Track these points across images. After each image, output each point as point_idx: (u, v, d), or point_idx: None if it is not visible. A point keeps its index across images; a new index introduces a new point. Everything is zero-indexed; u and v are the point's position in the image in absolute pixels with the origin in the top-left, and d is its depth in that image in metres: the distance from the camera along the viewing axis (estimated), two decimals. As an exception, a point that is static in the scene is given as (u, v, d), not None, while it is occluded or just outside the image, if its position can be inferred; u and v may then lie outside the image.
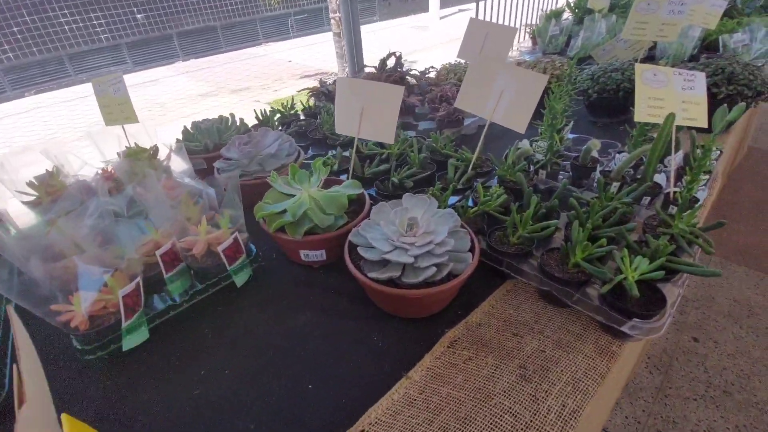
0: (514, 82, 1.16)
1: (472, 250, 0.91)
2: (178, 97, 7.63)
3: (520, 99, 1.15)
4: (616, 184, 1.18)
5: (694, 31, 2.42)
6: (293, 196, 1.07)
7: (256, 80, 8.22)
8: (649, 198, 1.14)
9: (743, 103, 1.21)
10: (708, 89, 1.57)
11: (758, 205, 3.37)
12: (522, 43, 3.64)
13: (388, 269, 0.84)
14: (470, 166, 1.28)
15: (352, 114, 1.20)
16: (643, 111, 1.11)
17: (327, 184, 1.18)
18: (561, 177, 1.35)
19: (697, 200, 1.10)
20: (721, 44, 2.27)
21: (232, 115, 1.64)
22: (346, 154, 1.47)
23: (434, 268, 0.82)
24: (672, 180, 1.12)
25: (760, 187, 3.60)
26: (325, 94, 2.01)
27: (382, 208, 0.95)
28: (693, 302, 2.57)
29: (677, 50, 2.41)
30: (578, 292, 0.87)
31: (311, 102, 2.09)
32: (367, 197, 1.15)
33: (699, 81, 1.15)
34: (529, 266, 0.94)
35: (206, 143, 1.49)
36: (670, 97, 1.13)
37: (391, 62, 2.14)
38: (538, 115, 1.23)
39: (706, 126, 1.14)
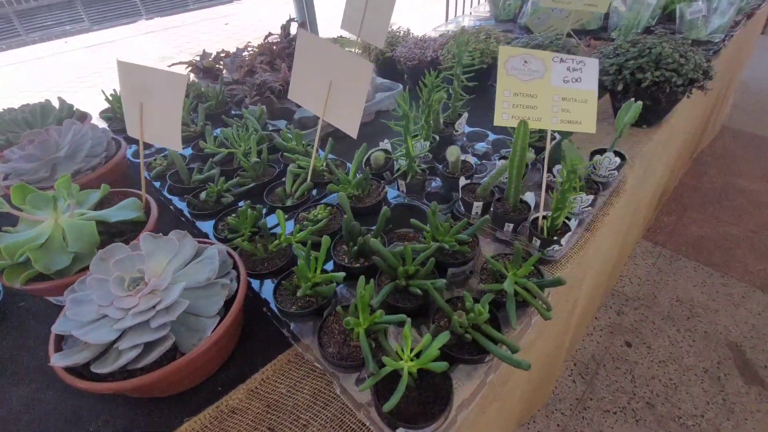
0: (341, 71, 0.89)
1: (230, 305, 0.68)
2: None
3: (348, 93, 0.88)
4: (478, 205, 0.94)
5: (652, -2, 2.10)
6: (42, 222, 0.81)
7: (227, 42, 7.65)
8: (512, 225, 0.90)
9: (637, 103, 0.95)
10: (632, 74, 1.30)
11: (721, 192, 3.16)
12: (478, 7, 3.25)
13: (75, 351, 0.60)
14: (308, 176, 1.02)
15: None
16: (506, 111, 0.85)
17: (110, 202, 0.92)
18: (431, 189, 1.10)
19: (569, 229, 0.86)
20: (677, 15, 1.96)
21: (61, 100, 1.34)
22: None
23: (138, 350, 0.59)
24: (542, 202, 0.88)
25: (726, 171, 3.37)
26: (202, 70, 1.70)
27: (115, 251, 0.70)
28: (633, 301, 2.40)
29: (629, 20, 2.09)
30: (360, 374, 0.65)
31: (193, 79, 1.77)
32: (152, 214, 0.90)
33: (589, 71, 0.88)
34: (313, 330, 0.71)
35: (9, 137, 1.20)
36: (544, 93, 0.86)
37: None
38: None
39: (593, 131, 0.89)
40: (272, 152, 1.21)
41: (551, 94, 0.87)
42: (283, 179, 1.06)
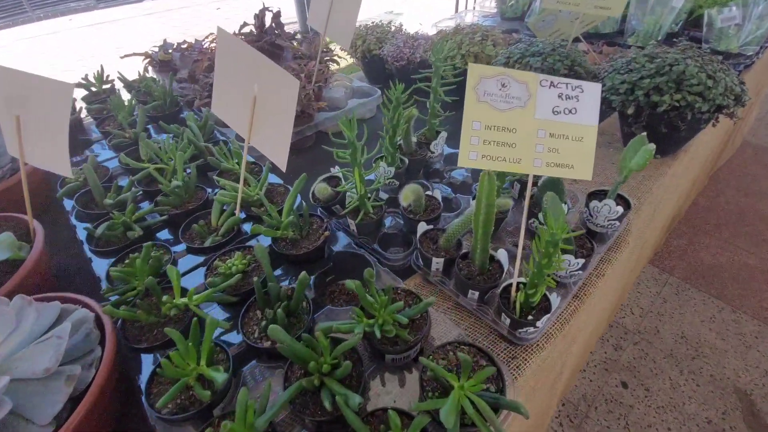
0: (267, 85, 0.69)
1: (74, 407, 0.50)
2: (125, 44, 6.91)
3: (275, 114, 0.68)
4: (439, 261, 0.74)
5: (676, 1, 1.85)
6: None
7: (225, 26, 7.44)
8: (477, 293, 0.71)
9: (649, 146, 0.73)
10: (647, 95, 1.08)
11: (738, 215, 2.91)
12: (484, 2, 3.00)
13: None
14: (237, 208, 0.83)
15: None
16: (474, 149, 0.65)
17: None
18: (388, 228, 0.90)
19: (549, 307, 0.66)
20: (705, 22, 1.72)
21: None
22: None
23: None
24: (516, 266, 0.68)
25: (745, 191, 3.12)
26: (159, 63, 1.50)
27: None
28: (633, 335, 2.19)
29: (649, 25, 1.85)
30: None
31: (150, 73, 1.58)
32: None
33: (587, 100, 0.67)
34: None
35: None
36: (526, 127, 0.66)
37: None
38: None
39: (588, 178, 0.69)
40: (209, 170, 1.02)
41: (535, 129, 0.66)
42: (210, 210, 0.87)
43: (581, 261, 0.71)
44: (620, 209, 0.79)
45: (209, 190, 0.96)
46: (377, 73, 2.00)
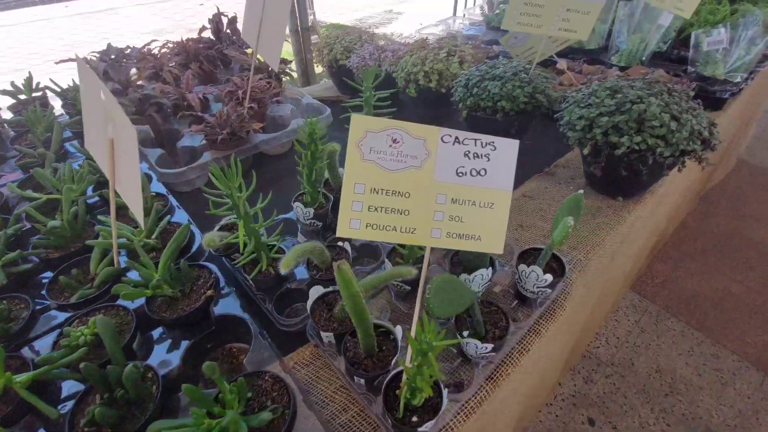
0: (117, 129, 0.58)
1: None
2: (118, 35, 6.80)
3: (127, 162, 0.58)
4: (329, 336, 0.63)
5: (664, 18, 1.73)
6: None
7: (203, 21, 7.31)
8: (363, 380, 0.60)
9: (568, 219, 0.62)
10: (606, 134, 0.97)
11: (728, 240, 2.80)
12: (474, 8, 2.86)
13: None
14: (113, 255, 0.73)
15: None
16: (356, 216, 0.54)
17: None
18: (291, 283, 0.79)
19: (440, 405, 0.56)
20: (692, 43, 1.60)
21: None
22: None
23: None
24: (408, 354, 0.57)
25: (736, 214, 3.00)
26: (105, 73, 1.39)
27: None
28: (606, 367, 2.09)
29: (634, 44, 1.73)
30: None
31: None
32: None
33: (501, 159, 0.56)
34: None
35: None
36: (423, 192, 0.55)
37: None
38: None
39: (499, 251, 0.58)
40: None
41: (434, 194, 0.55)
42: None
43: (489, 345, 0.60)
44: (548, 278, 0.69)
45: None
46: (347, 84, 1.88)
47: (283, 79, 1.49)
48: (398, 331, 0.62)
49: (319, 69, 2.55)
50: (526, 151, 1.38)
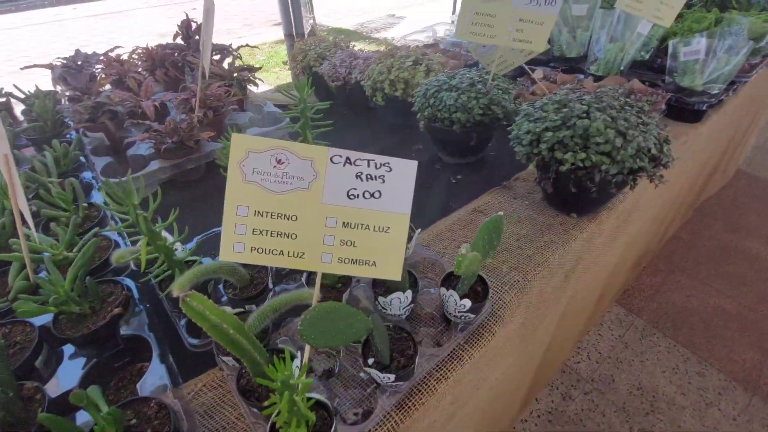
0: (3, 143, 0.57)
1: None
2: (123, 37, 6.90)
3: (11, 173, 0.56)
4: (228, 359, 0.61)
5: (642, 27, 1.69)
6: None
7: (226, 23, 7.38)
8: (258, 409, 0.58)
9: (474, 254, 0.59)
10: (552, 149, 0.94)
11: (721, 253, 2.72)
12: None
13: None
14: (27, 268, 0.72)
15: None
16: (240, 240, 0.52)
17: None
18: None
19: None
20: (670, 53, 1.56)
21: None
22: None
23: None
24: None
25: (732, 226, 2.92)
26: (63, 79, 1.39)
27: None
28: (585, 383, 2.04)
29: (612, 53, 1.69)
30: None
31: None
32: None
33: (397, 181, 0.54)
34: None
35: None
36: (311, 215, 0.53)
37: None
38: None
39: (397, 278, 0.55)
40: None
41: (323, 216, 0.53)
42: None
43: (392, 375, 0.57)
44: (467, 303, 0.66)
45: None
46: (320, 91, 1.87)
47: (250, 87, 1.48)
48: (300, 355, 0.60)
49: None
50: (487, 163, 1.37)
